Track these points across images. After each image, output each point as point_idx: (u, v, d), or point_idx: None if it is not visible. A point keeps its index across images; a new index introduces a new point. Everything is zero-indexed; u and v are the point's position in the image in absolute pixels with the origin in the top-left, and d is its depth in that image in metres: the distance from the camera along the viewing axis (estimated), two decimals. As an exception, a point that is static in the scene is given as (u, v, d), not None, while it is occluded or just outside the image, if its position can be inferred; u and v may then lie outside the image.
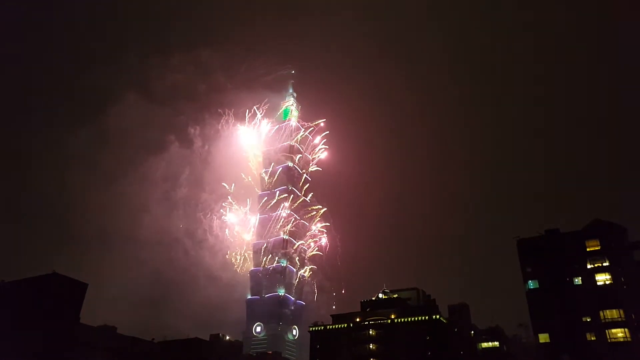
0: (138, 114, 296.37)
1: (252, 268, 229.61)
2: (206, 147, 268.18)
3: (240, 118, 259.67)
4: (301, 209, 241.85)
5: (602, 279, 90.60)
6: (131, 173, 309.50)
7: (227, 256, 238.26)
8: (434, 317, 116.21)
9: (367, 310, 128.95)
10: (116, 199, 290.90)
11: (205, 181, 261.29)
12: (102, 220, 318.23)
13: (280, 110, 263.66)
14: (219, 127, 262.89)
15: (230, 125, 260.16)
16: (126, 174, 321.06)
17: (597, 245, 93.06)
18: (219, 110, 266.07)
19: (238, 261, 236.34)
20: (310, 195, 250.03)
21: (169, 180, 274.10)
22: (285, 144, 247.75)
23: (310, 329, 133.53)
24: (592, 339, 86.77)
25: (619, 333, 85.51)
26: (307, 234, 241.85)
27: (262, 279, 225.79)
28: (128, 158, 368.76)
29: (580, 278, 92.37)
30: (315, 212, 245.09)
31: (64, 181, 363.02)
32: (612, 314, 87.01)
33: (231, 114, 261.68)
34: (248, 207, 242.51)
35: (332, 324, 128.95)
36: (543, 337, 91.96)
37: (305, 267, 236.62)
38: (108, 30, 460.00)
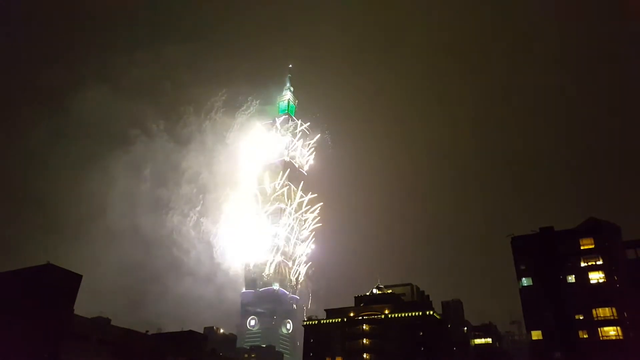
0: (102, 109, 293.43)
1: (248, 262, 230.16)
2: (192, 141, 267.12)
3: (229, 112, 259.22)
4: (297, 203, 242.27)
5: (596, 277, 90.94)
6: (95, 167, 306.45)
7: (221, 251, 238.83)
8: (427, 312, 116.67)
9: (361, 305, 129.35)
10: (82, 193, 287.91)
11: (195, 176, 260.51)
12: (74, 213, 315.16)
13: (277, 104, 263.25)
14: (208, 121, 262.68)
15: (217, 118, 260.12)
16: (91, 167, 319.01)
17: (591, 244, 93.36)
18: (210, 101, 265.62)
19: (234, 256, 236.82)
20: (306, 189, 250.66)
21: (149, 175, 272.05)
22: (282, 138, 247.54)
23: (304, 323, 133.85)
24: (585, 336, 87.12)
25: (611, 331, 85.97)
26: (303, 227, 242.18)
27: (257, 273, 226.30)
28: (93, 152, 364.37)
29: (573, 276, 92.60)
30: (311, 206, 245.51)
31: (25, 175, 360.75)
32: (604, 312, 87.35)
33: (217, 106, 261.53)
34: (245, 203, 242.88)
35: (326, 319, 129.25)
36: (536, 334, 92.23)
37: (300, 263, 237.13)
38: (72, 25, 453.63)
